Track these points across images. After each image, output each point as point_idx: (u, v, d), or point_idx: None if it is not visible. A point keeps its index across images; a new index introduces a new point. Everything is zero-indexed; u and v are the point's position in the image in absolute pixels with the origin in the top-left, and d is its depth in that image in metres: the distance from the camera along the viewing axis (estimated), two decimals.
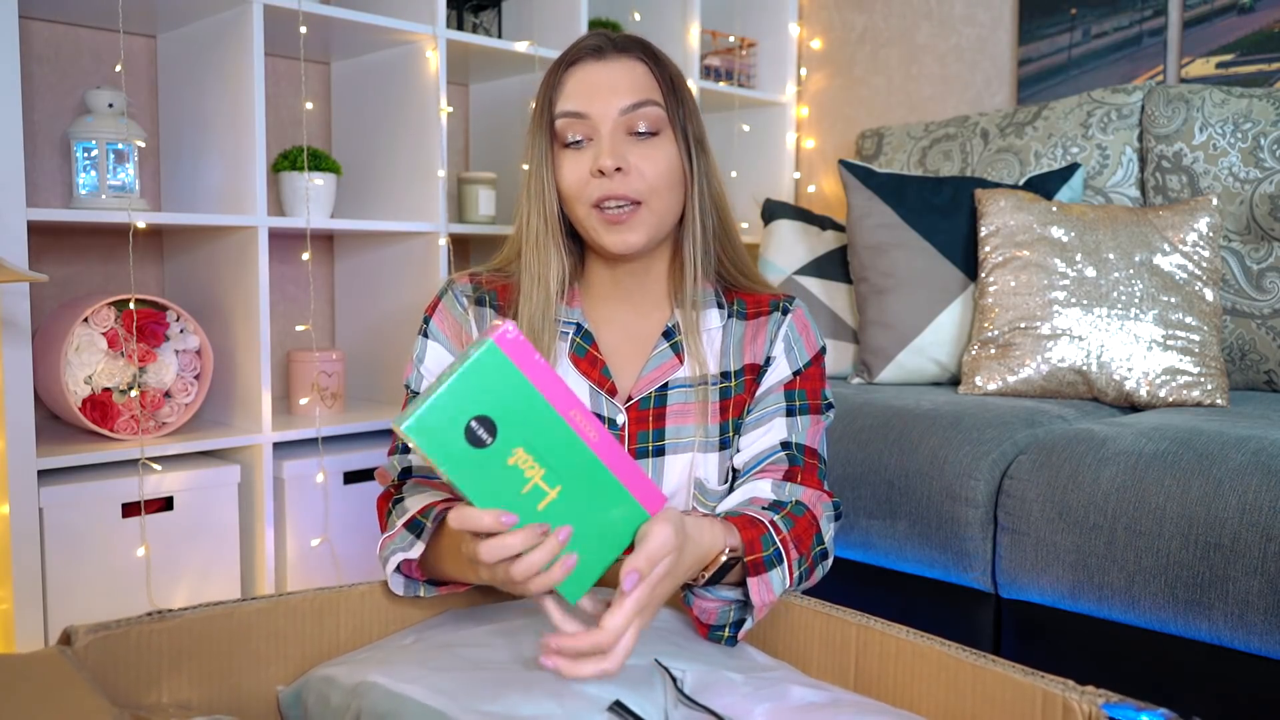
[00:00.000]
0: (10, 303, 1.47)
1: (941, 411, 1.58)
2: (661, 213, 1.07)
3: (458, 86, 2.47)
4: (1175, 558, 1.26)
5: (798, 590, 1.01)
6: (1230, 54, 2.10)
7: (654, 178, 1.05)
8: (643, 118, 1.05)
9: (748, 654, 0.82)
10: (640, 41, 1.11)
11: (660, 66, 1.09)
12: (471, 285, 1.15)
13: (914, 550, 1.52)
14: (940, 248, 1.92)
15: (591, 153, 1.05)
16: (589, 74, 1.07)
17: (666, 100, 1.07)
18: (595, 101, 1.05)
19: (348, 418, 1.93)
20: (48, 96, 1.89)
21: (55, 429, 1.75)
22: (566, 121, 1.06)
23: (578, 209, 1.07)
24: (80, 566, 1.58)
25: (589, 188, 1.05)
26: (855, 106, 2.71)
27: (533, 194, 1.09)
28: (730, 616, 0.98)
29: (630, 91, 1.05)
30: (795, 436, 1.10)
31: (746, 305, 1.15)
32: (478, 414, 0.71)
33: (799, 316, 1.15)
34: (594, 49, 1.08)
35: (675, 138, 1.07)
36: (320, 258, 2.27)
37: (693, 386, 1.10)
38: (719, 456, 1.10)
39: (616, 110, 1.05)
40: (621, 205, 1.04)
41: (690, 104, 1.10)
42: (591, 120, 1.05)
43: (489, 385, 0.71)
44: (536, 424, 0.73)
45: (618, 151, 1.04)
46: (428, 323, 1.16)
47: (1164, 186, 1.93)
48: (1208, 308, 1.69)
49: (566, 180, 1.07)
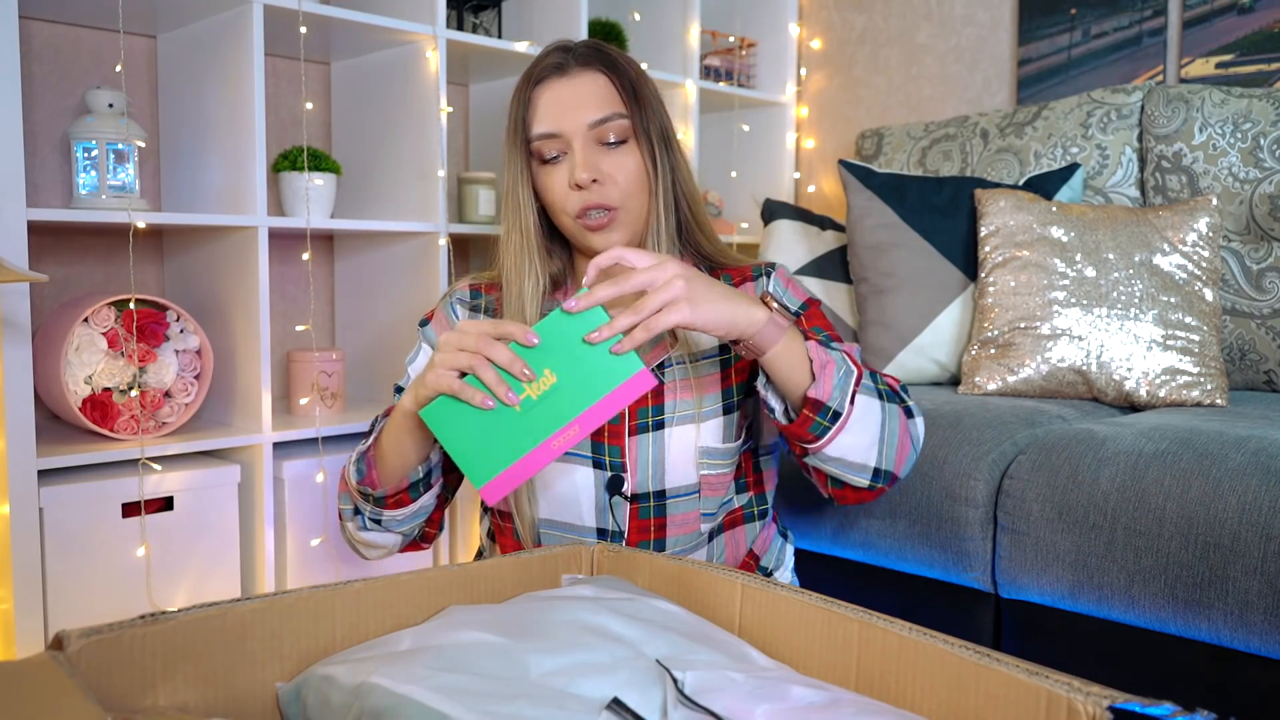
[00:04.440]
0: (10, 303, 1.47)
1: (941, 411, 1.58)
2: (637, 212, 1.16)
3: (458, 86, 2.47)
4: (1175, 558, 1.26)
5: (892, 429, 1.06)
6: (1230, 54, 2.10)
7: (626, 184, 1.14)
8: (610, 130, 1.13)
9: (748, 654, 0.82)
10: (598, 50, 1.17)
11: (620, 75, 1.16)
12: (470, 293, 1.23)
13: (914, 550, 1.52)
14: (940, 248, 1.92)
15: (567, 166, 1.13)
16: (555, 92, 1.14)
17: (629, 108, 1.14)
18: (565, 120, 1.13)
19: (348, 418, 1.93)
20: (48, 96, 1.89)
21: (55, 429, 1.75)
22: (541, 142, 1.14)
23: (563, 219, 1.16)
24: (80, 566, 1.58)
25: (569, 201, 1.13)
26: (855, 106, 2.70)
27: (510, 210, 1.18)
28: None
29: (596, 106, 1.13)
30: None
31: (732, 278, 1.22)
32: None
33: (780, 273, 1.23)
34: (557, 66, 1.16)
35: (639, 143, 1.15)
36: (320, 258, 2.27)
37: (686, 363, 1.16)
38: (723, 421, 1.15)
39: (585, 124, 1.13)
40: (601, 212, 1.13)
41: (653, 104, 1.17)
42: (564, 137, 1.13)
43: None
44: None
45: (590, 163, 1.12)
46: (424, 326, 1.21)
47: (1164, 186, 1.93)
48: (1207, 308, 1.68)
49: (550, 194, 1.15)
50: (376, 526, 1.12)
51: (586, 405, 0.94)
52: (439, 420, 0.94)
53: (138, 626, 0.69)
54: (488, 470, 0.94)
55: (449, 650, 0.75)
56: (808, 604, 0.79)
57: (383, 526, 1.11)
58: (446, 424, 0.94)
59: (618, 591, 0.86)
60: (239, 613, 0.73)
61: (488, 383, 0.92)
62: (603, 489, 1.13)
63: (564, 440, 0.94)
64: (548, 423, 0.93)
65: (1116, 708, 0.58)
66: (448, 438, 0.94)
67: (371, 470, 1.08)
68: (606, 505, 1.13)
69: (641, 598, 0.85)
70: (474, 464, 0.94)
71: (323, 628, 0.78)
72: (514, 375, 0.92)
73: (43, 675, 0.59)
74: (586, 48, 1.17)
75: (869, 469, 1.06)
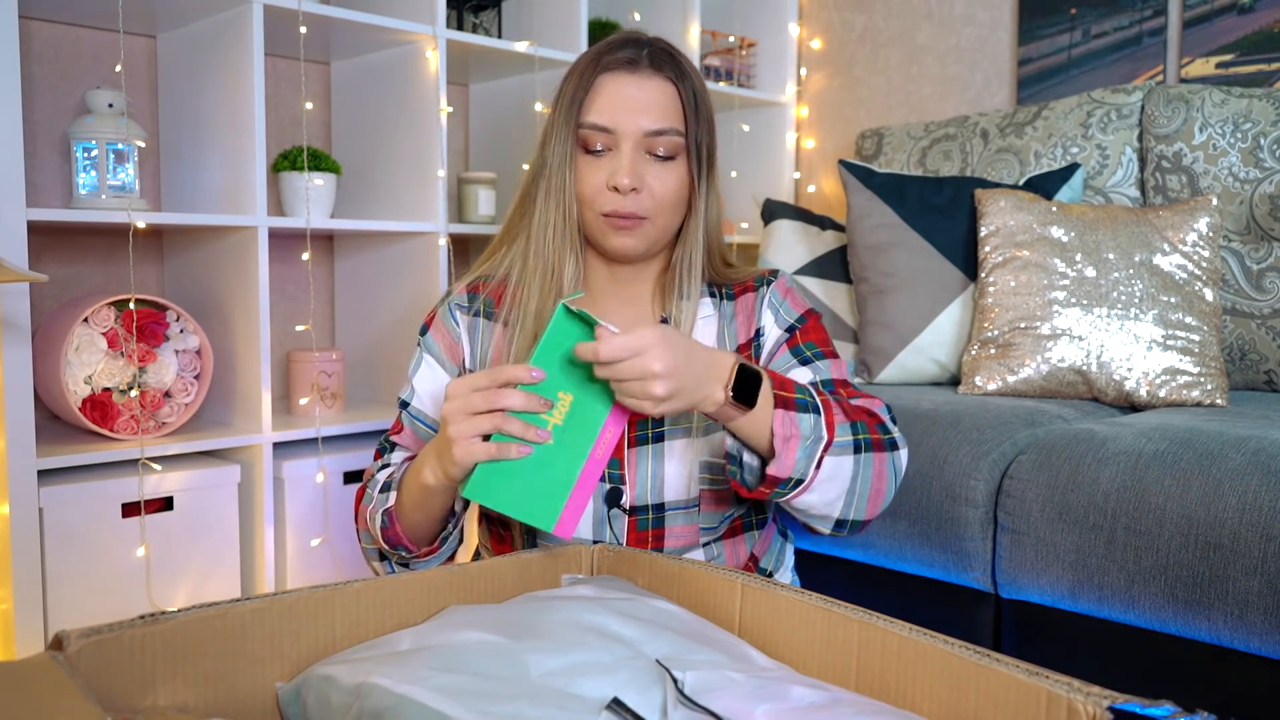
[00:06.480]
0: (10, 303, 1.47)
1: (941, 411, 1.58)
2: (663, 227, 1.13)
3: (458, 86, 2.47)
4: (1175, 558, 1.26)
5: (865, 478, 1.02)
6: (1230, 54, 2.10)
7: (663, 197, 1.10)
8: (663, 144, 1.10)
9: (748, 654, 0.82)
10: (671, 57, 1.14)
11: (687, 88, 1.12)
12: (468, 296, 1.19)
13: (914, 550, 1.52)
14: (940, 248, 1.92)
15: (610, 163, 1.10)
16: (621, 88, 1.11)
17: (687, 125, 1.11)
18: (623, 119, 1.10)
19: (348, 418, 1.93)
20: (48, 96, 1.89)
21: (55, 429, 1.75)
22: (592, 133, 1.10)
23: (587, 213, 1.12)
24: (80, 566, 1.58)
25: (602, 198, 1.10)
26: (855, 106, 2.70)
27: (553, 190, 1.13)
28: (746, 460, 1.01)
29: (657, 116, 1.10)
30: (819, 376, 1.13)
31: (734, 286, 1.20)
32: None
33: (780, 284, 1.20)
34: (629, 61, 1.11)
35: (689, 161, 1.12)
36: (320, 258, 2.27)
37: None
38: (723, 434, 1.13)
39: (641, 131, 1.09)
40: (628, 219, 1.10)
41: (708, 121, 1.14)
42: (616, 135, 1.10)
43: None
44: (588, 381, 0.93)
45: (636, 171, 1.09)
46: (424, 334, 1.19)
47: (1164, 186, 1.93)
48: (1207, 308, 1.68)
49: (583, 185, 1.11)
50: (405, 569, 1.10)
51: (609, 406, 0.94)
52: (485, 490, 0.92)
53: (138, 626, 0.69)
54: (551, 512, 0.94)
55: (449, 650, 0.75)
56: (808, 604, 0.79)
57: (411, 568, 1.09)
58: (493, 490, 0.92)
59: (618, 591, 0.86)
60: (239, 613, 0.73)
61: (515, 433, 0.90)
62: (601, 501, 1.12)
63: (605, 446, 0.94)
64: (583, 439, 0.93)
65: (1116, 708, 0.58)
66: (500, 501, 0.93)
67: (395, 524, 1.06)
68: (605, 517, 1.13)
69: (641, 598, 0.85)
70: (536, 513, 0.93)
71: (323, 628, 0.78)
72: (534, 412, 0.91)
73: (42, 675, 0.59)
74: (662, 50, 1.13)
75: (832, 520, 1.05)
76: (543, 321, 1.10)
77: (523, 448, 0.90)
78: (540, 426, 0.91)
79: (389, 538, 1.07)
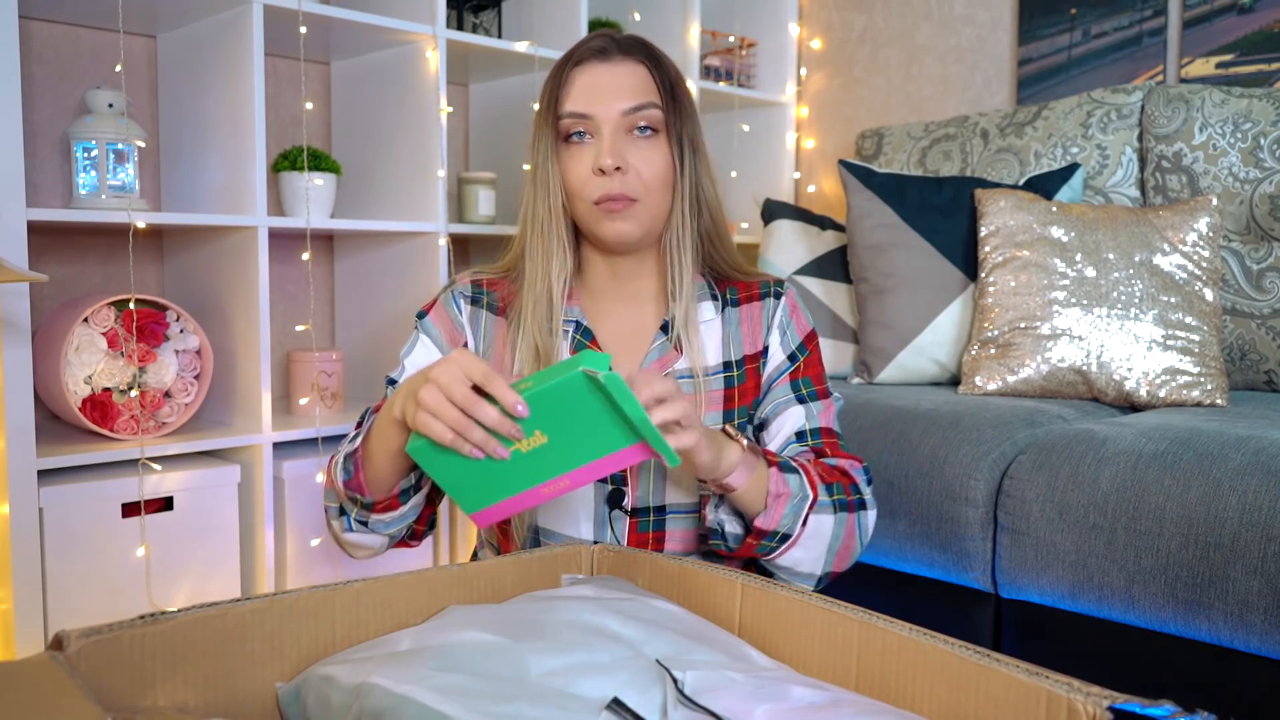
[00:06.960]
0: (10, 303, 1.47)
1: (941, 411, 1.58)
2: (655, 209, 1.13)
3: (458, 86, 2.47)
4: (1175, 558, 1.26)
5: (838, 535, 1.06)
6: (1230, 54, 2.10)
7: (650, 177, 1.11)
8: (643, 118, 1.11)
9: (748, 654, 0.82)
10: (643, 44, 1.16)
11: (661, 70, 1.14)
12: (472, 286, 1.19)
13: (914, 550, 1.52)
14: (940, 248, 1.92)
15: (593, 150, 1.11)
16: (593, 75, 1.13)
17: (665, 103, 1.13)
18: (598, 103, 1.11)
19: (348, 418, 1.93)
20: (48, 96, 1.89)
21: (55, 429, 1.75)
22: (571, 121, 1.12)
23: (578, 205, 1.13)
24: (80, 566, 1.58)
25: (590, 185, 1.11)
26: (855, 106, 2.70)
27: (539, 184, 1.15)
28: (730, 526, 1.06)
29: (632, 94, 1.11)
30: (810, 423, 1.15)
31: (739, 292, 1.20)
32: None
33: (789, 299, 1.21)
34: (599, 50, 1.14)
35: (669, 139, 1.13)
36: (320, 258, 2.27)
37: (691, 378, 1.15)
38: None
39: (618, 111, 1.11)
40: (619, 201, 1.10)
41: (687, 108, 1.16)
42: (594, 120, 1.11)
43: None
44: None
45: (617, 150, 1.10)
46: (422, 318, 1.19)
47: (1164, 186, 1.93)
48: (1207, 308, 1.68)
49: (571, 176, 1.13)
50: (363, 529, 1.09)
51: (576, 466, 0.92)
52: (427, 457, 0.92)
53: (138, 627, 0.69)
54: (477, 503, 0.94)
55: (449, 650, 0.75)
56: (808, 604, 0.79)
57: (369, 528, 1.09)
58: (435, 460, 0.92)
59: (618, 591, 0.86)
60: (239, 613, 0.73)
61: (475, 441, 0.89)
62: (603, 503, 1.12)
63: (554, 489, 0.94)
64: (537, 473, 0.93)
65: (1116, 708, 0.58)
66: (436, 472, 0.93)
67: (359, 472, 1.05)
68: (606, 519, 1.13)
69: (641, 598, 0.85)
70: (463, 497, 0.94)
71: (323, 628, 0.78)
72: (502, 434, 0.89)
73: (42, 675, 0.59)
74: (631, 39, 1.16)
75: (815, 577, 1.09)
76: (536, 315, 1.12)
77: (475, 451, 0.89)
78: (504, 446, 0.90)
79: (352, 488, 1.05)
